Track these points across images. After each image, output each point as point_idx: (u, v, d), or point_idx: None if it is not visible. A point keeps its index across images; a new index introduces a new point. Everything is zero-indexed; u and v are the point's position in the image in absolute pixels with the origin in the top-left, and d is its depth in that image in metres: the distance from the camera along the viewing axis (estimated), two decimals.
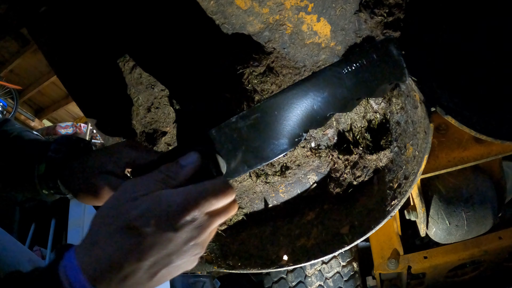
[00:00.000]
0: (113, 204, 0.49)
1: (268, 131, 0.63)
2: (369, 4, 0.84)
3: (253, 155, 0.64)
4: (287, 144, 0.64)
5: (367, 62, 0.59)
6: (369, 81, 0.60)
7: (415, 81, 0.73)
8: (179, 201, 0.48)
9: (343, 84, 0.60)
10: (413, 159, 0.82)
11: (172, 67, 0.98)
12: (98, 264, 0.45)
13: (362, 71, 0.59)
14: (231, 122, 0.62)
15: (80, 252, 0.47)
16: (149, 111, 1.01)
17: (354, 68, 0.59)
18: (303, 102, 0.61)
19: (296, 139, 0.64)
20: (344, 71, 0.60)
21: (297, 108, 0.62)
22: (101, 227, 0.48)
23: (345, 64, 0.59)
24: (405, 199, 0.80)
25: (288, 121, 0.63)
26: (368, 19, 0.84)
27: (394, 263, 1.56)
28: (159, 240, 0.46)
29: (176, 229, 0.47)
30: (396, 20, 0.82)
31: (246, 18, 0.92)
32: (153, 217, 0.46)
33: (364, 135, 0.98)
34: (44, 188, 0.72)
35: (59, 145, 0.72)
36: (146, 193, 0.49)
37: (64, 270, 0.45)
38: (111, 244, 0.46)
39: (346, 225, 0.92)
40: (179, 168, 0.55)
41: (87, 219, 2.99)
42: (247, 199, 1.06)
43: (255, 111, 0.62)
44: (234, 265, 0.94)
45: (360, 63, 0.59)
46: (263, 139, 0.63)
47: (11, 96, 5.01)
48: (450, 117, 0.72)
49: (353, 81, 0.60)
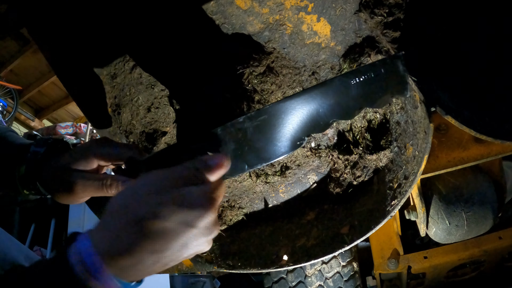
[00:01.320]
0: (135, 195, 0.51)
1: (273, 133, 0.65)
2: (369, 4, 0.84)
3: (255, 155, 0.66)
4: (289, 147, 0.67)
5: (375, 75, 0.62)
6: (374, 93, 0.64)
7: (415, 81, 0.73)
8: (202, 203, 0.50)
9: (350, 93, 0.63)
10: (413, 159, 0.82)
11: (172, 67, 0.98)
12: (113, 249, 0.47)
13: (369, 83, 0.63)
14: (238, 122, 0.64)
15: (94, 236, 0.48)
16: (149, 111, 1.01)
17: (362, 80, 0.63)
18: (310, 108, 0.64)
19: (298, 142, 0.66)
20: (352, 82, 0.63)
21: (304, 113, 0.64)
22: (119, 216, 0.49)
23: (354, 75, 0.62)
24: (405, 199, 0.80)
25: (293, 125, 0.65)
26: (368, 19, 0.84)
27: (394, 263, 1.56)
28: (179, 237, 0.49)
29: (196, 227, 0.49)
30: (396, 20, 0.82)
31: (246, 18, 0.92)
32: (176, 214, 0.48)
33: (364, 135, 0.98)
34: (25, 189, 0.74)
35: (37, 147, 0.74)
36: (170, 188, 0.51)
37: (78, 252, 0.46)
38: (130, 234, 0.47)
39: (346, 225, 0.92)
40: (206, 167, 0.56)
41: (87, 219, 2.99)
42: (247, 199, 1.06)
43: (263, 113, 0.64)
44: (234, 265, 0.94)
45: (368, 76, 0.62)
46: (266, 140, 0.66)
47: (11, 96, 5.01)
48: (450, 117, 0.72)
49: (359, 91, 0.63)
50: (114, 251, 0.47)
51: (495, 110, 0.84)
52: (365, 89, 0.63)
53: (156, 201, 0.49)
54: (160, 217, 0.48)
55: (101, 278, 0.45)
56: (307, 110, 0.64)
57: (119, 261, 0.46)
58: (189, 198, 0.50)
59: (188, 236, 0.49)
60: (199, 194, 0.51)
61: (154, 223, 0.47)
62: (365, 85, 0.63)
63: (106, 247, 0.47)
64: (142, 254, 0.47)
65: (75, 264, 0.45)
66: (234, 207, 1.06)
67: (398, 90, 0.65)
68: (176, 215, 0.48)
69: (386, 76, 0.63)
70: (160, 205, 0.48)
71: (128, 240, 0.47)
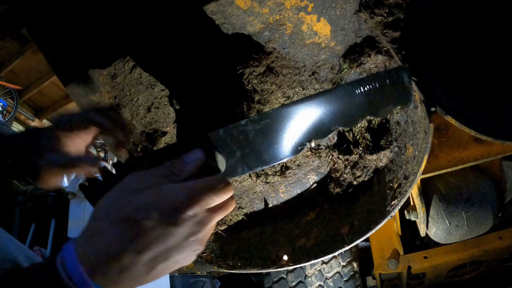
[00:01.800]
0: (115, 196, 0.49)
1: (275, 137, 0.66)
2: (369, 4, 0.84)
3: (255, 158, 0.67)
4: (290, 152, 0.67)
5: (380, 85, 0.63)
6: (377, 103, 0.65)
7: (415, 81, 0.73)
8: (182, 196, 0.48)
9: (354, 102, 0.64)
10: (413, 159, 0.82)
11: (172, 67, 0.98)
12: (97, 256, 0.45)
13: (373, 92, 0.64)
14: (241, 124, 0.64)
15: (79, 243, 0.47)
16: (149, 111, 1.01)
17: (366, 89, 0.64)
18: (313, 114, 0.65)
19: (299, 147, 0.67)
20: (357, 91, 0.64)
21: (307, 119, 0.65)
22: (102, 218, 0.47)
23: (359, 84, 0.63)
24: (405, 199, 0.80)
25: (296, 130, 0.66)
26: (368, 19, 0.84)
27: (394, 263, 1.56)
28: (160, 234, 0.46)
29: (178, 224, 0.47)
30: (396, 20, 0.82)
31: (246, 18, 0.92)
32: (155, 211, 0.46)
33: (364, 135, 0.98)
34: (15, 179, 0.76)
35: (21, 137, 0.76)
36: (149, 186, 0.49)
37: (62, 262, 0.45)
38: (111, 236, 0.46)
39: (346, 225, 0.92)
40: (183, 164, 0.55)
41: (87, 219, 2.98)
42: (247, 199, 1.06)
43: (266, 117, 0.64)
44: (234, 265, 0.94)
45: (373, 85, 0.63)
46: (268, 144, 0.66)
47: (11, 96, 5.01)
48: (450, 117, 0.72)
49: (363, 100, 0.64)
50: (97, 257, 0.45)
51: (495, 110, 0.84)
52: (369, 99, 0.64)
53: (135, 199, 0.47)
54: (140, 216, 0.46)
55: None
56: (310, 117, 0.65)
57: (104, 268, 0.45)
58: (166, 193, 0.48)
59: (171, 232, 0.47)
60: (178, 189, 0.49)
61: (134, 223, 0.46)
62: (369, 95, 0.64)
63: (89, 253, 0.45)
64: (126, 257, 0.45)
65: (61, 272, 0.44)
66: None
67: (401, 101, 0.66)
68: (155, 212, 0.46)
69: (390, 87, 0.64)
70: (139, 203, 0.47)
71: (110, 243, 0.45)
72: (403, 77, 0.63)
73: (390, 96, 0.64)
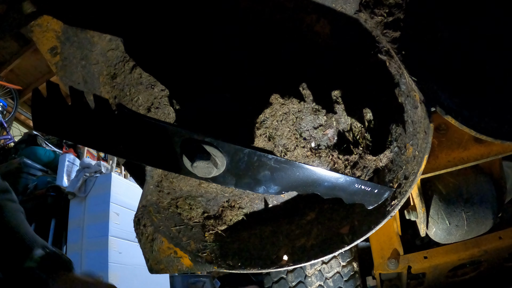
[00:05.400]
0: None
1: (276, 178, 0.78)
2: (369, 4, 0.84)
3: (247, 182, 0.79)
4: (275, 191, 0.81)
5: (366, 188, 0.78)
6: (354, 196, 0.80)
7: (415, 81, 0.73)
8: None
9: (340, 188, 0.79)
10: (413, 159, 0.82)
11: (172, 67, 0.98)
12: None
13: (358, 191, 0.79)
14: (267, 157, 0.75)
15: None
16: (149, 111, 1.01)
17: (356, 186, 0.79)
18: (313, 179, 0.78)
19: (283, 191, 0.81)
20: (347, 183, 0.79)
21: (305, 179, 0.78)
22: None
23: (355, 181, 0.78)
24: (405, 199, 0.80)
25: (290, 180, 0.78)
26: (368, 19, 0.84)
27: (394, 263, 1.56)
28: None
29: None
30: (396, 20, 0.82)
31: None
32: None
33: (364, 135, 0.98)
34: None
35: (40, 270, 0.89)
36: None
37: None
38: None
39: (346, 225, 0.92)
40: None
41: (87, 219, 2.99)
42: (247, 199, 1.06)
43: (289, 164, 0.77)
44: (234, 265, 0.94)
45: (363, 186, 0.78)
46: (265, 178, 0.78)
47: (11, 96, 5.01)
48: (450, 117, 0.72)
49: (347, 189, 0.79)
50: None
51: (495, 110, 0.84)
52: (351, 191, 0.79)
53: None
54: None
55: None
56: (309, 179, 0.78)
57: None
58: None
59: None
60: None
61: None
62: (355, 190, 0.79)
63: None
64: None
65: None
66: (234, 207, 1.06)
67: (369, 204, 0.81)
68: None
69: (371, 193, 0.79)
70: None
71: None
72: (384, 195, 0.79)
73: (366, 198, 0.80)
